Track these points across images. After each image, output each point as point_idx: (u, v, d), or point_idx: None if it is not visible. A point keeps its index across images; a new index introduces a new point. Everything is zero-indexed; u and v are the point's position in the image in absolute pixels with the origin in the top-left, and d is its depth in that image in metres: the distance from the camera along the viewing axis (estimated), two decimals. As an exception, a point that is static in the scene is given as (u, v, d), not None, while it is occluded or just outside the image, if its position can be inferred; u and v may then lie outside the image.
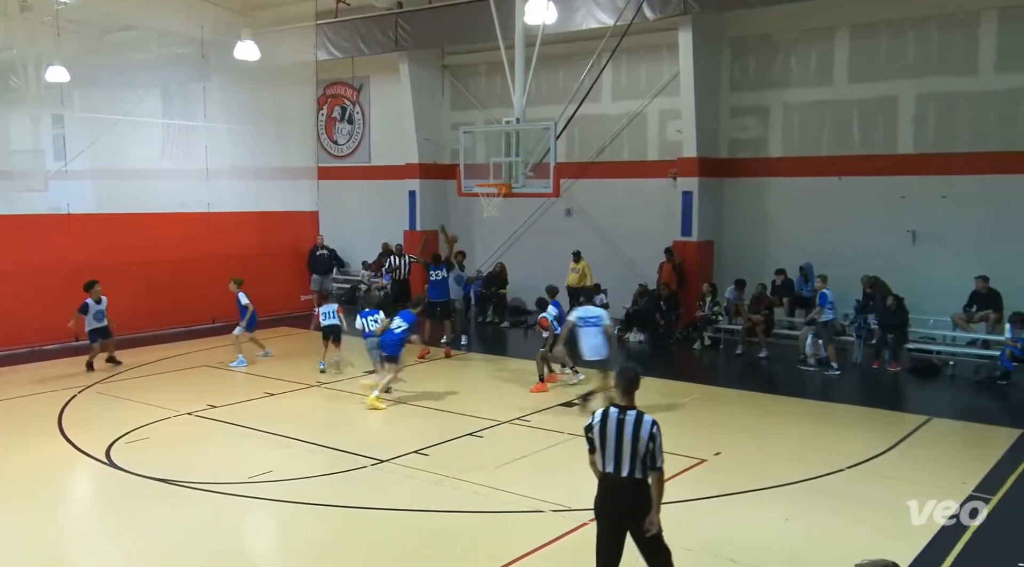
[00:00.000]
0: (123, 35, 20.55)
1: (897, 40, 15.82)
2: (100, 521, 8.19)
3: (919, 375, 13.95)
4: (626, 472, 5.52)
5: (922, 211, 15.68)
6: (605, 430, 5.56)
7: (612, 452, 5.54)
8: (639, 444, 5.46)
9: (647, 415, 5.56)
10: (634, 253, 18.57)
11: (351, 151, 23.97)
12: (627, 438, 5.49)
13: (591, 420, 5.71)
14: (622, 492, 5.57)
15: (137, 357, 14.97)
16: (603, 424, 5.60)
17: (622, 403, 5.68)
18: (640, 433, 5.47)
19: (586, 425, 5.74)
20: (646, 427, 5.49)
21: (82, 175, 18.21)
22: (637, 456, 5.48)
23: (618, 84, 18.95)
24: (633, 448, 5.47)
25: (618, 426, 5.53)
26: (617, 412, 5.60)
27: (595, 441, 5.63)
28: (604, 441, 5.56)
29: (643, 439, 5.46)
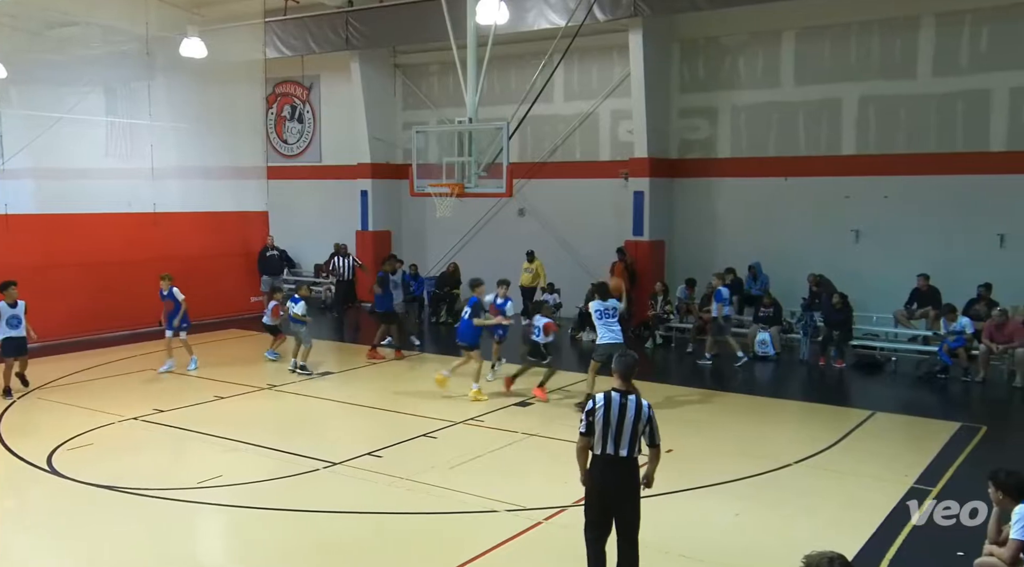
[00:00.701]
0: (64, 31, 19.98)
1: (841, 44, 16.22)
2: (42, 531, 7.94)
3: (863, 371, 14.32)
4: (625, 452, 5.89)
5: (865, 211, 16.10)
6: (609, 413, 5.88)
7: (613, 433, 5.88)
8: (639, 425, 5.90)
9: (644, 399, 5.98)
10: (587, 253, 18.71)
11: (301, 150, 23.70)
12: (629, 420, 5.87)
13: (592, 404, 5.97)
14: (617, 472, 5.94)
15: (81, 361, 14.58)
16: (607, 407, 5.89)
17: (622, 388, 6.02)
18: (641, 416, 5.91)
19: (588, 408, 5.96)
20: (645, 409, 5.95)
21: (21, 174, 17.65)
22: (637, 437, 5.92)
23: (570, 85, 19.08)
24: (634, 429, 5.89)
25: (620, 409, 5.88)
26: (619, 396, 5.94)
27: (596, 424, 5.87)
28: (607, 423, 5.87)
29: (643, 420, 5.93)
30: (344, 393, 12.69)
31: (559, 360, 13.38)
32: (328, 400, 12.15)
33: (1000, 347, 13.13)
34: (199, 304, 18.61)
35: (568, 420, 10.83)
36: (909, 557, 6.96)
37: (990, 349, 13.17)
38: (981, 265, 14.71)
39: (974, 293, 14.37)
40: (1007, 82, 14.81)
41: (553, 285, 18.34)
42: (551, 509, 7.92)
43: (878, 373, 14.22)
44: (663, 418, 11.21)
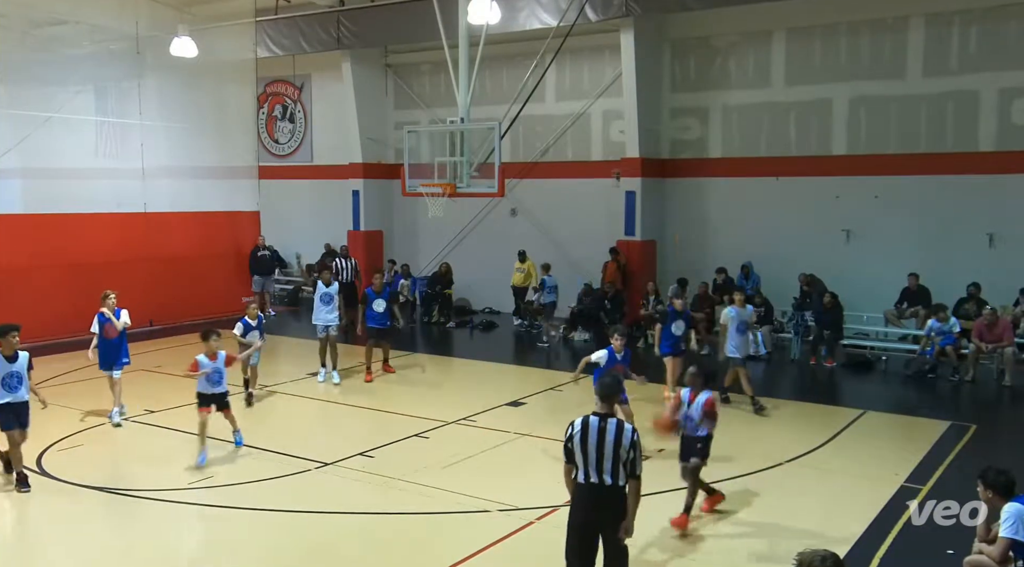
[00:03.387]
0: (53, 30, 19.88)
1: (831, 44, 16.28)
2: (32, 532, 7.91)
3: (854, 370, 14.37)
4: (609, 480, 5.45)
5: (856, 211, 16.17)
6: (586, 439, 5.43)
7: (593, 461, 5.43)
8: (620, 450, 5.41)
9: (627, 424, 5.53)
10: (579, 253, 18.71)
11: (293, 150, 23.63)
12: (608, 444, 5.40)
13: (570, 430, 5.56)
14: (602, 501, 5.49)
15: (70, 362, 14.48)
16: (584, 433, 5.46)
17: (601, 410, 5.56)
18: (622, 440, 5.42)
19: (566, 435, 5.56)
20: (627, 435, 5.44)
21: (10, 174, 17.56)
22: (619, 464, 5.42)
23: (562, 85, 19.08)
24: (615, 456, 5.41)
25: (599, 434, 5.43)
26: (597, 420, 5.49)
27: (574, 451, 5.48)
28: (585, 450, 5.43)
29: (625, 446, 5.41)
30: (335, 393, 12.66)
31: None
32: (319, 400, 12.13)
33: (989, 346, 13.20)
34: (191, 304, 18.66)
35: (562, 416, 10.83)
36: (900, 555, 7.00)
37: (979, 348, 13.24)
38: (970, 265, 14.79)
39: (963, 292, 14.45)
40: (996, 83, 14.89)
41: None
42: (543, 509, 7.92)
43: (869, 372, 14.27)
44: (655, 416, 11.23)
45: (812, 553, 3.77)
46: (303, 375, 13.61)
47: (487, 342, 17.49)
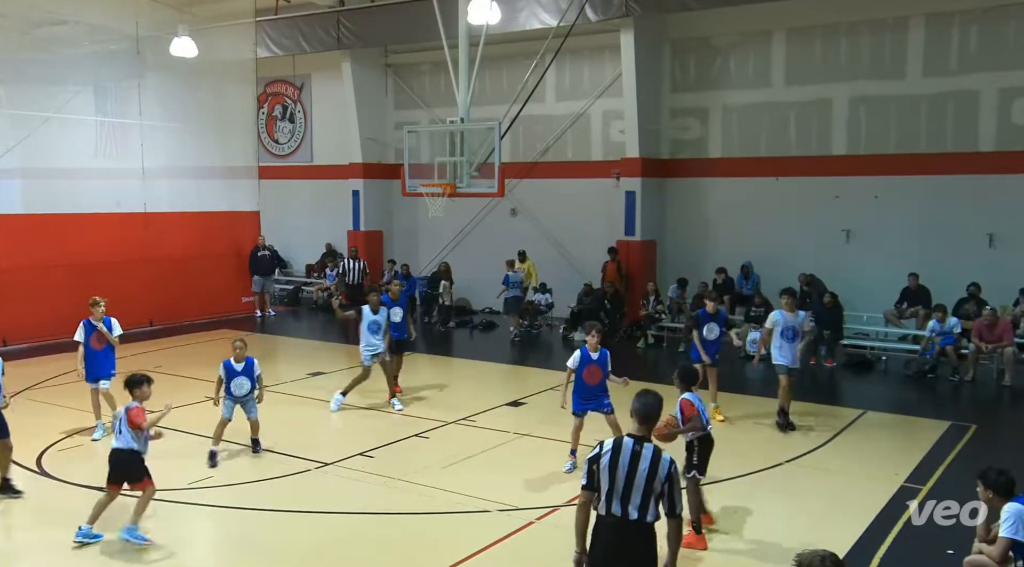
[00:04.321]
0: (53, 30, 19.85)
1: (831, 45, 16.28)
2: (31, 532, 7.90)
3: (854, 370, 14.37)
4: (635, 515, 4.67)
5: (856, 211, 16.17)
6: (616, 463, 4.67)
7: (620, 490, 4.67)
8: (655, 483, 4.65)
9: (665, 452, 4.76)
10: (578, 252, 18.73)
11: (293, 150, 23.64)
12: (641, 475, 4.65)
13: (599, 448, 4.79)
14: (628, 538, 4.71)
15: (69, 362, 14.44)
16: (614, 456, 4.70)
17: (638, 433, 4.80)
18: (658, 471, 4.67)
19: (591, 455, 4.80)
20: (664, 465, 4.69)
21: (10, 174, 17.56)
22: (650, 497, 4.67)
23: (562, 85, 19.09)
24: (647, 488, 4.65)
25: (632, 459, 4.68)
26: (632, 443, 4.72)
27: (599, 475, 4.71)
28: (613, 476, 4.67)
29: (660, 478, 4.66)
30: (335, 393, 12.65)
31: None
32: (320, 401, 12.11)
33: (989, 346, 13.20)
34: (191, 305, 18.67)
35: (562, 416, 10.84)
36: (900, 555, 6.99)
37: (979, 348, 13.24)
38: (970, 265, 14.79)
39: (964, 292, 14.45)
40: (996, 83, 14.89)
41: (545, 285, 18.34)
42: (543, 509, 7.92)
43: (869, 372, 14.27)
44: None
45: (812, 553, 3.77)
46: (303, 375, 13.61)
47: (487, 342, 17.50)
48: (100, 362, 10.25)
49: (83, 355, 10.18)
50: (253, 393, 9.47)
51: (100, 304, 10.34)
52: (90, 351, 10.21)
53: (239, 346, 9.40)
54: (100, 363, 10.25)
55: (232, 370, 9.35)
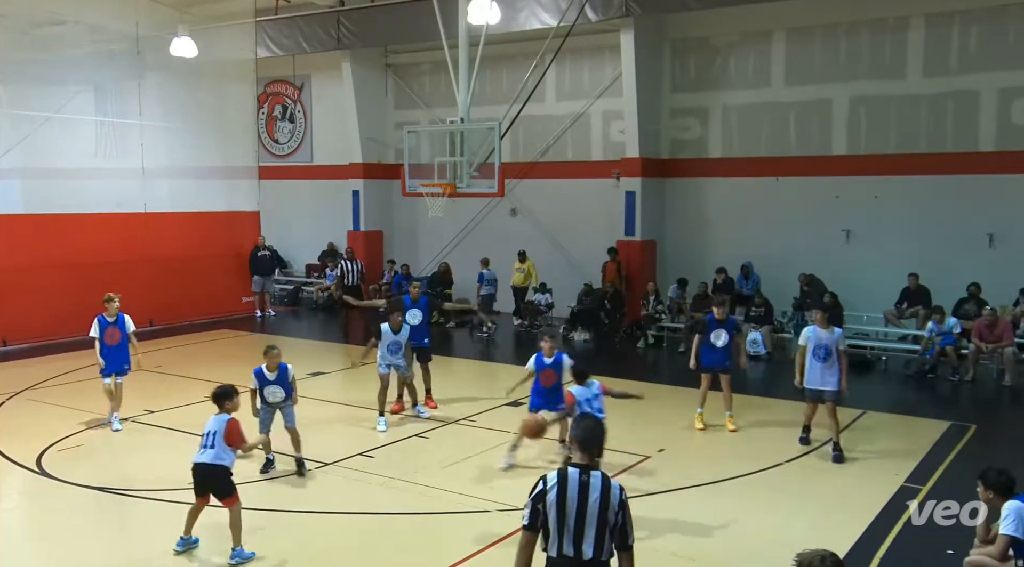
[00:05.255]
0: (53, 29, 19.87)
1: (831, 45, 16.29)
2: (31, 532, 7.91)
3: (853, 370, 14.28)
4: (591, 553, 4.24)
5: (856, 211, 16.18)
6: (564, 499, 4.23)
7: (572, 527, 4.22)
8: (608, 514, 4.23)
9: (613, 479, 4.36)
10: (578, 253, 18.73)
11: (293, 150, 23.64)
12: (593, 508, 4.22)
13: (543, 484, 4.30)
14: None
15: (70, 362, 14.50)
16: (561, 491, 4.24)
17: (583, 461, 4.35)
18: (610, 500, 4.25)
19: (536, 491, 4.31)
20: (615, 493, 4.27)
21: (10, 174, 17.58)
22: (605, 531, 4.25)
23: (562, 85, 19.09)
24: (600, 520, 4.23)
25: (581, 491, 4.23)
26: (578, 474, 4.28)
27: (548, 513, 4.25)
28: (563, 514, 4.22)
29: (613, 507, 4.25)
30: (335, 393, 12.66)
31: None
32: (320, 400, 12.11)
33: (989, 346, 13.20)
34: (191, 305, 18.68)
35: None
36: (900, 555, 7.00)
37: (979, 348, 13.24)
38: (971, 264, 14.80)
39: (964, 292, 14.45)
40: (996, 83, 14.89)
41: (545, 285, 18.35)
42: (543, 509, 7.91)
43: (868, 372, 14.27)
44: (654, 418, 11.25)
45: (812, 553, 3.77)
46: (304, 375, 13.58)
47: (487, 342, 17.49)
48: (115, 357, 10.55)
49: (99, 350, 10.47)
50: (289, 400, 8.91)
51: (114, 300, 10.64)
52: (105, 346, 10.50)
53: (274, 353, 8.78)
54: (115, 357, 10.55)
55: (264, 378, 8.80)
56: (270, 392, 8.80)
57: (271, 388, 8.80)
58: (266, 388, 8.79)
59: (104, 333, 10.52)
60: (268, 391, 8.79)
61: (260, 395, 8.83)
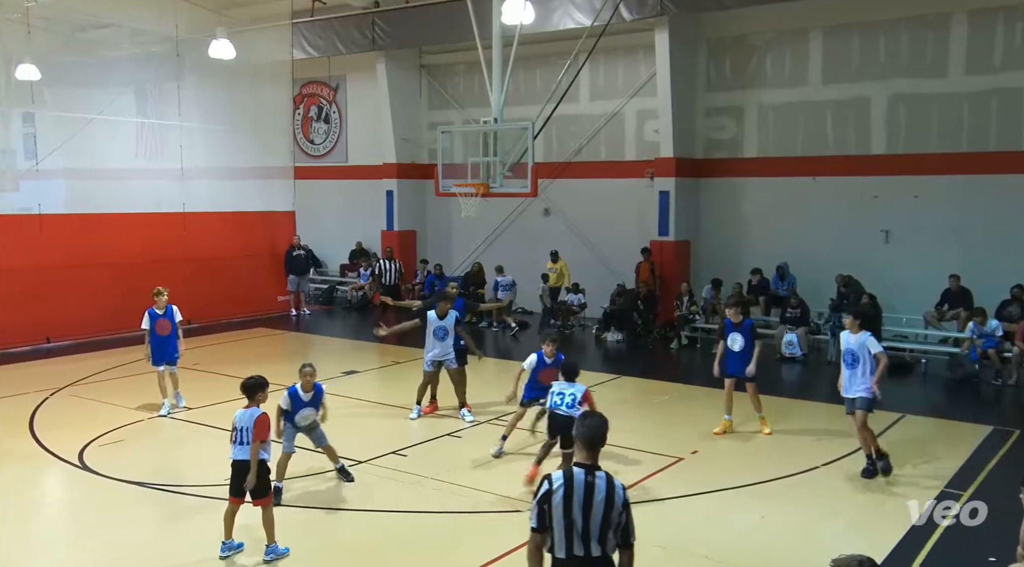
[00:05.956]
0: (96, 33, 20.29)
1: (869, 42, 16.02)
2: (73, 526, 8.08)
3: (892, 373, 14.03)
4: (599, 551, 4.29)
5: (895, 211, 15.90)
6: (571, 500, 4.25)
7: (580, 527, 4.26)
8: (612, 513, 4.28)
9: (616, 477, 4.41)
10: (612, 253, 18.66)
11: (328, 151, 23.86)
12: (598, 506, 4.27)
13: (548, 485, 4.32)
14: None
15: (110, 359, 14.80)
16: (568, 492, 4.26)
17: (587, 462, 4.38)
18: (614, 499, 4.30)
19: (540, 492, 4.33)
20: (619, 492, 4.33)
21: (53, 175, 17.96)
22: (609, 529, 4.30)
23: (595, 84, 19.03)
24: (605, 519, 4.28)
25: (586, 491, 4.27)
26: (583, 474, 4.32)
27: (553, 514, 4.27)
28: (570, 515, 4.25)
29: (618, 507, 4.30)
30: (369, 392, 12.75)
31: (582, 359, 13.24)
32: (353, 399, 12.21)
33: (1033, 350, 12.89)
34: (228, 303, 18.95)
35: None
36: (940, 562, 6.86)
37: (1022, 351, 12.93)
38: (1014, 266, 14.45)
39: (1007, 294, 14.12)
40: (1042, 80, 14.55)
41: (578, 285, 18.31)
42: (575, 509, 7.89)
43: (908, 375, 14.02)
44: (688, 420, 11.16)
45: (848, 558, 3.71)
46: (337, 374, 13.73)
47: (519, 342, 17.50)
48: (166, 347, 11.19)
49: (149, 341, 11.05)
50: (317, 422, 8.43)
51: (163, 293, 11.22)
52: (156, 337, 11.11)
53: (307, 370, 8.16)
54: (166, 348, 11.19)
55: (299, 401, 8.14)
56: (303, 416, 8.20)
57: (305, 411, 8.21)
58: (300, 411, 8.15)
59: (155, 324, 11.11)
60: (301, 415, 8.17)
61: (289, 417, 8.22)
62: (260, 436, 6.90)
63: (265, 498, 6.99)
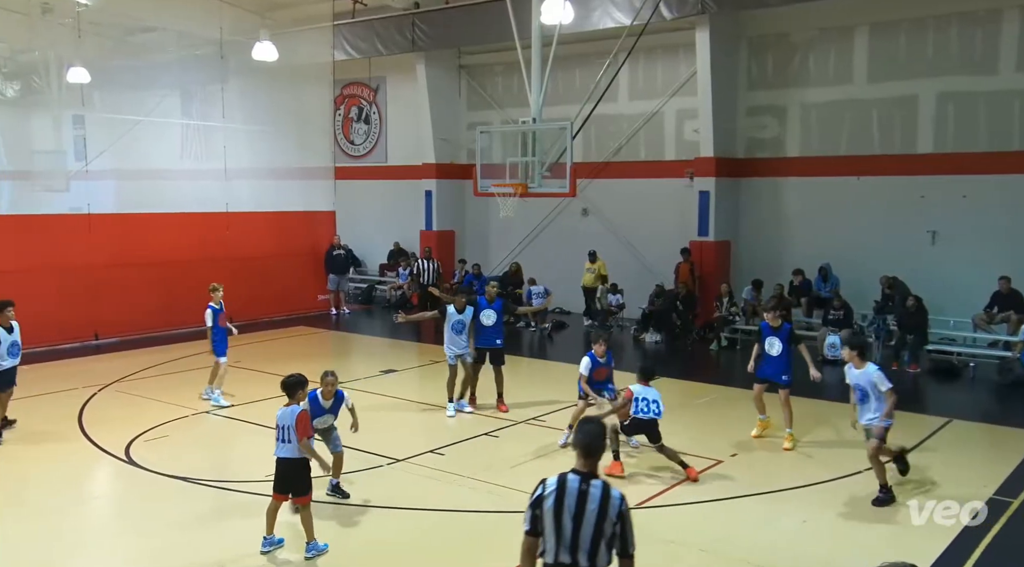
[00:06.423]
0: (143, 36, 20.74)
1: (917, 39, 15.69)
2: (119, 518, 8.26)
3: (939, 377, 13.83)
4: (585, 563, 4.18)
5: (942, 211, 15.55)
6: (561, 507, 4.18)
7: (569, 535, 4.16)
8: (605, 524, 4.16)
9: (614, 488, 4.29)
10: (650, 253, 18.54)
11: (368, 151, 24.07)
12: (590, 517, 4.16)
13: (541, 489, 4.27)
14: None
15: (156, 356, 15.10)
16: (559, 498, 4.20)
17: (584, 469, 4.28)
18: (608, 511, 4.17)
19: (534, 496, 4.29)
20: (615, 503, 4.20)
21: (102, 175, 18.36)
22: (601, 541, 4.16)
23: (635, 84, 18.92)
24: (597, 530, 4.16)
25: (579, 499, 4.18)
26: (578, 481, 4.23)
27: (544, 519, 4.22)
28: (559, 520, 4.18)
29: (611, 519, 4.17)
30: (407, 390, 12.83)
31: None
32: (391, 397, 12.31)
33: (1088, 354, 12.51)
34: (269, 302, 19.22)
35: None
36: (987, 571, 6.70)
37: (1077, 356, 12.56)
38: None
39: (1059, 297, 13.74)
40: (1097, 76, 14.11)
41: (616, 285, 18.22)
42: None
43: (955, 379, 13.71)
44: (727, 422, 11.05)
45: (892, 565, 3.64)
46: (376, 372, 13.85)
47: (557, 342, 17.48)
48: (224, 339, 11.89)
49: (212, 335, 11.71)
50: (335, 427, 8.30)
51: (219, 289, 11.90)
52: (219, 330, 11.80)
53: (330, 379, 8.03)
54: (225, 340, 11.89)
55: (319, 406, 7.97)
56: (321, 421, 8.06)
57: (324, 417, 8.08)
58: (318, 417, 7.94)
59: (217, 319, 11.75)
60: (319, 420, 8.01)
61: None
62: (305, 433, 7.00)
63: (306, 496, 7.07)
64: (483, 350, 11.55)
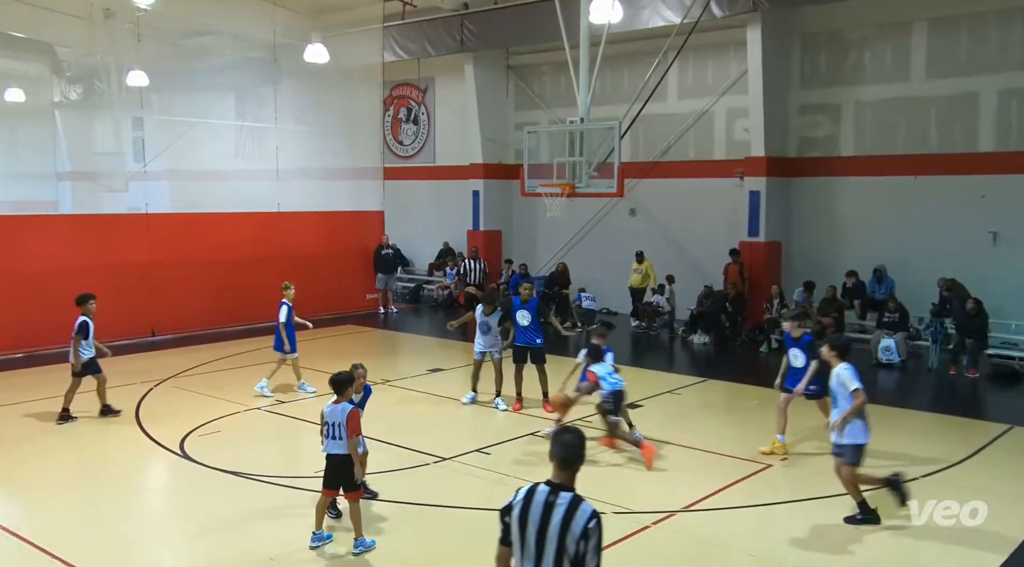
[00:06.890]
0: (199, 40, 21.23)
1: (978, 34, 15.23)
2: (173, 511, 8.46)
3: (999, 382, 13.40)
4: None
5: (1004, 211, 15.07)
6: (526, 517, 3.96)
7: (532, 550, 3.93)
8: (567, 540, 3.86)
9: (586, 502, 3.96)
10: (699, 254, 18.33)
11: (416, 151, 24.25)
12: (553, 530, 3.89)
13: (512, 497, 4.10)
14: None
15: (210, 352, 15.42)
16: (525, 508, 3.99)
17: (556, 480, 4.04)
18: (571, 526, 3.87)
19: (504, 504, 4.12)
20: (581, 519, 3.88)
21: (159, 176, 18.84)
22: (564, 558, 3.87)
23: (684, 83, 18.72)
24: (559, 546, 3.87)
25: (544, 512, 3.94)
26: (547, 493, 3.99)
27: (512, 529, 4.04)
28: (523, 532, 3.96)
29: (573, 534, 3.86)
30: (453, 390, 12.89)
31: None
32: (439, 396, 12.38)
33: None
34: (318, 301, 19.47)
35: (680, 421, 10.65)
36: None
37: None
38: None
39: None
40: None
41: (663, 286, 18.05)
42: (659, 513, 7.80)
43: (1017, 385, 13.27)
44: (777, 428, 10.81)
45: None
46: (423, 371, 13.94)
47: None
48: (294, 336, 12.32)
49: (287, 333, 12.10)
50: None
51: (291, 287, 12.33)
52: (290, 327, 12.18)
53: (360, 373, 7.77)
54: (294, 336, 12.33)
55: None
56: None
57: None
58: None
59: (290, 316, 12.20)
60: None
61: None
62: (355, 431, 7.06)
63: (356, 492, 7.15)
64: (523, 349, 11.62)
